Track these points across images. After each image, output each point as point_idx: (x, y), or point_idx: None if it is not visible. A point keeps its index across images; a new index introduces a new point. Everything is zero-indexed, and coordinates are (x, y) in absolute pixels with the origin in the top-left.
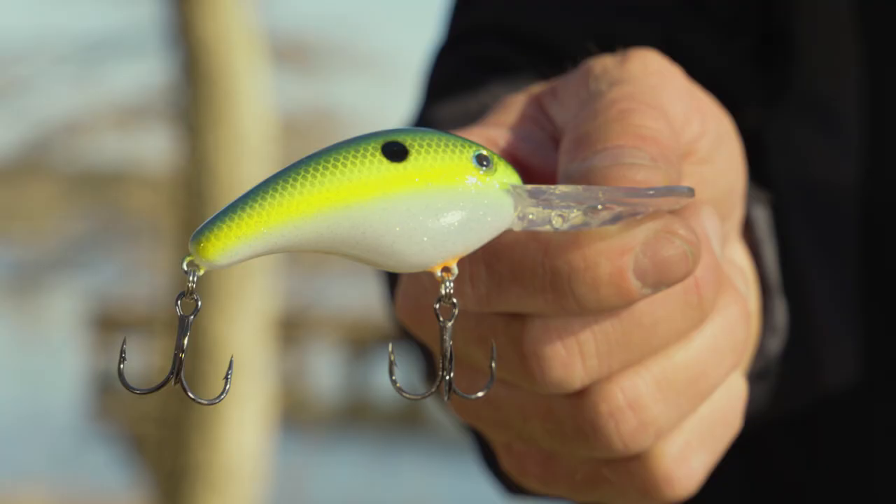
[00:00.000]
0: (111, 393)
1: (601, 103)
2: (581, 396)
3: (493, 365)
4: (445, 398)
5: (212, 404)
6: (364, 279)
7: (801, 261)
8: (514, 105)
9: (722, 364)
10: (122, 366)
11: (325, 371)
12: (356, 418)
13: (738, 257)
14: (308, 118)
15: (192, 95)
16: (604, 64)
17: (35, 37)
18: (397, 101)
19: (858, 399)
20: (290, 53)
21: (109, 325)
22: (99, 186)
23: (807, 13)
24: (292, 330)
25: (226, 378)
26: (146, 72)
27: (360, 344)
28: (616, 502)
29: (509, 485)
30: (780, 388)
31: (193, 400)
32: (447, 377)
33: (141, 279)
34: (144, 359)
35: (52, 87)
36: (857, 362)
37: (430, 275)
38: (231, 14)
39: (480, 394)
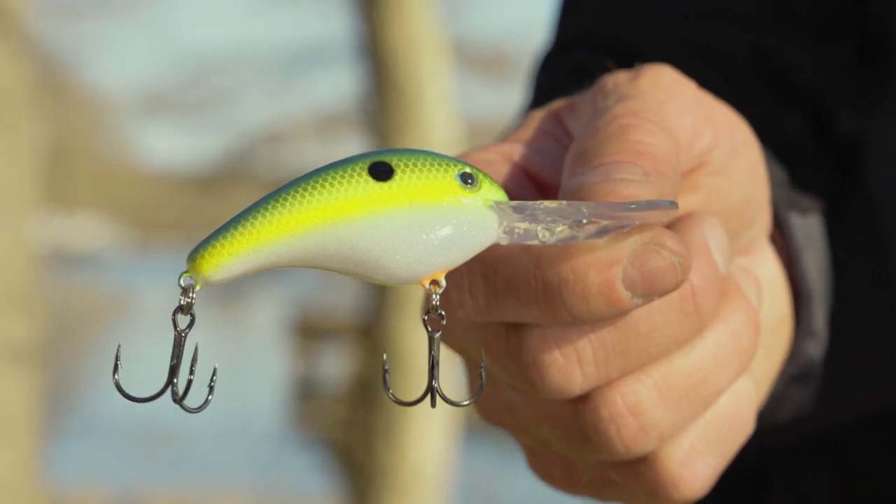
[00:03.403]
0: (311, 399)
1: (604, 119)
2: (583, 402)
3: (483, 373)
4: (431, 405)
5: (196, 412)
6: None
7: None
8: (534, 120)
9: (725, 370)
10: (116, 375)
11: None
12: None
13: (763, 266)
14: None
15: (381, 103)
16: (616, 80)
17: (238, 49)
18: None
19: None
20: (490, 62)
21: (309, 332)
22: None
23: None
24: None
25: (209, 387)
26: (343, 81)
27: None
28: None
29: None
30: (863, 387)
31: (184, 408)
32: (435, 384)
33: (340, 287)
34: (342, 365)
35: (254, 98)
36: None
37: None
38: (419, 22)
39: (465, 403)
